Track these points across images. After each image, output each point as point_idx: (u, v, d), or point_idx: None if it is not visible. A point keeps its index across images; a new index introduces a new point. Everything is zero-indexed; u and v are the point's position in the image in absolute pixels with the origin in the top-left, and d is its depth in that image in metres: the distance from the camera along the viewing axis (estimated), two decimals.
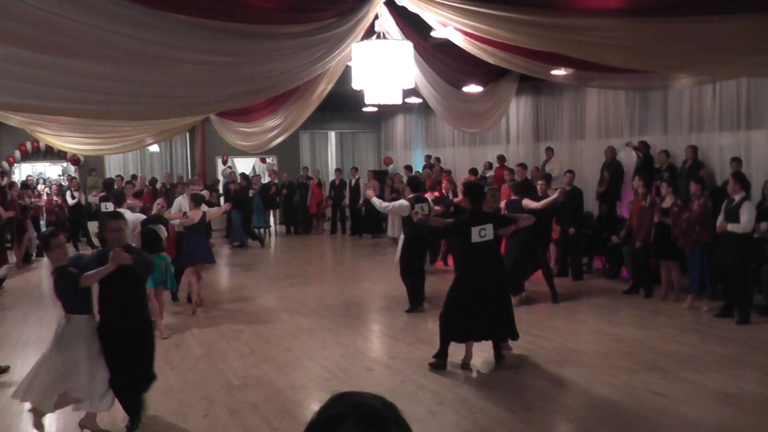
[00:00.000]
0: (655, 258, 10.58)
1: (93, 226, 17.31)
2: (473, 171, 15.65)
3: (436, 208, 10.97)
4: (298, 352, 8.27)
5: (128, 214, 9.10)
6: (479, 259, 7.36)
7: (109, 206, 12.13)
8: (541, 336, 8.66)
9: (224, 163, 21.88)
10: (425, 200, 10.47)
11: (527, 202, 10.43)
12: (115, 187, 14.51)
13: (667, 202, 10.21)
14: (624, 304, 10.38)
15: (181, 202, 11.26)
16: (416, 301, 10.27)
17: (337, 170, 21.46)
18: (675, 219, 9.92)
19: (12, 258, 14.96)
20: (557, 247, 12.57)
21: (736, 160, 11.00)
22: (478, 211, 7.51)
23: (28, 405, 5.93)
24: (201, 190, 13.16)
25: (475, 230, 7.24)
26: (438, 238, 11.67)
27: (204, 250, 10.42)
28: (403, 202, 10.37)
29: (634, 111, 14.00)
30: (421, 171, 18.73)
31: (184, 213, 10.41)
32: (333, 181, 20.86)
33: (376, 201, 10.49)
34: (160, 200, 10.89)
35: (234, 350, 8.39)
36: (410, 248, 10.29)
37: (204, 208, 10.58)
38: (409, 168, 18.87)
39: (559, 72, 10.39)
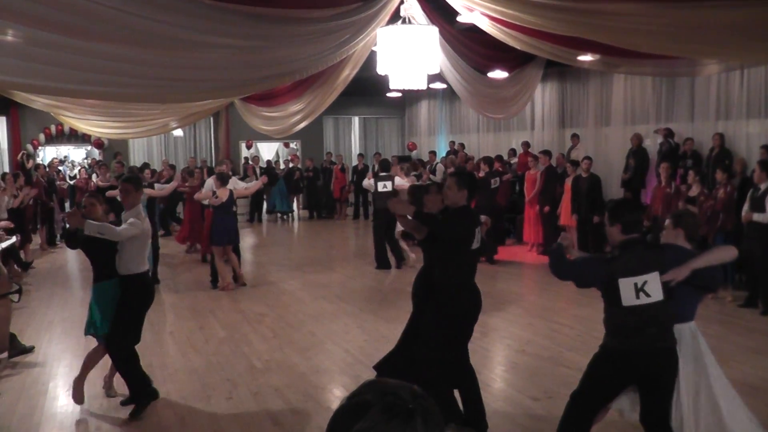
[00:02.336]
0: None
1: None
2: (498, 158, 15.51)
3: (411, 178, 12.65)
4: (321, 336, 8.30)
5: None
6: (471, 273, 5.34)
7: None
8: (564, 324, 8.62)
9: (248, 147, 21.93)
10: (390, 178, 11.17)
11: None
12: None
13: (694, 191, 10.08)
14: None
15: (211, 183, 11.42)
16: (381, 263, 12.38)
17: (360, 155, 21.46)
18: (701, 207, 9.80)
19: (37, 239, 15.14)
20: (578, 235, 12.47)
21: (764, 148, 10.84)
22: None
23: None
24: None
25: (478, 233, 5.27)
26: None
27: (231, 231, 10.84)
28: (370, 180, 11.97)
29: (660, 98, 13.84)
30: (444, 156, 18.71)
31: (214, 192, 10.73)
32: (356, 166, 20.86)
33: (364, 182, 12.80)
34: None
35: (257, 334, 8.44)
36: (376, 219, 12.42)
37: (241, 184, 12.14)
38: (434, 153, 18.78)
39: (586, 58, 10.28)
